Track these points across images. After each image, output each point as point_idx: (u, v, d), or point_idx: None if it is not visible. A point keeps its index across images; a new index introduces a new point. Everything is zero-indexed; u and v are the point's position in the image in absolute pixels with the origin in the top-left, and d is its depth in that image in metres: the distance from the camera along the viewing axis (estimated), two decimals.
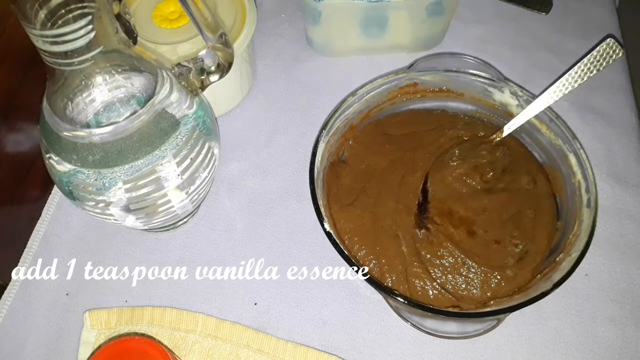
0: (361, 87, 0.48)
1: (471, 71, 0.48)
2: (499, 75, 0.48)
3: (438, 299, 0.42)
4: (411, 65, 0.49)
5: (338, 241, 0.41)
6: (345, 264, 0.40)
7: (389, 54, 0.59)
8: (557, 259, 0.41)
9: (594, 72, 0.45)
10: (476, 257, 0.43)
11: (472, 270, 0.43)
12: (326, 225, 0.41)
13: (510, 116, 0.48)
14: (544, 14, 0.62)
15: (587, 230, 0.40)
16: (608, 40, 0.44)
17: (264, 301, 0.47)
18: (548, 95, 0.45)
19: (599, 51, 0.44)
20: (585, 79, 0.45)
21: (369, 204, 0.46)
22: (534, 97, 0.46)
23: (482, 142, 0.48)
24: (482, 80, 0.48)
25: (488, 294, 0.42)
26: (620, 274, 0.47)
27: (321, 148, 0.45)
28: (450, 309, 0.41)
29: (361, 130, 0.50)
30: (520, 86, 0.47)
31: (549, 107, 0.45)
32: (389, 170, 0.47)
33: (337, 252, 0.40)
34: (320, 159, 0.45)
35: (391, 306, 0.45)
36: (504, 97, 0.48)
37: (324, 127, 0.46)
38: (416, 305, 0.39)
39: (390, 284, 0.43)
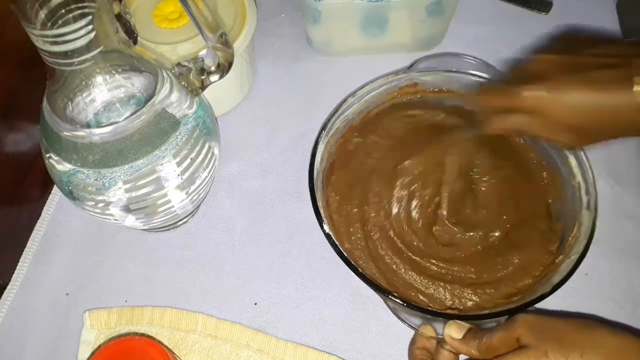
0: (361, 87, 0.48)
1: (471, 71, 0.48)
2: (499, 75, 0.48)
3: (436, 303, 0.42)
4: (411, 65, 0.49)
5: (337, 242, 0.41)
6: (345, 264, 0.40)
7: (389, 54, 0.59)
8: (557, 260, 0.41)
9: None
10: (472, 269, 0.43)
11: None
12: (325, 227, 0.41)
13: None
14: (544, 14, 0.62)
15: (586, 233, 0.40)
16: None
17: (264, 301, 0.47)
18: None
19: None
20: None
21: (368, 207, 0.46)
22: None
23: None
24: (482, 80, 0.48)
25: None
26: (620, 274, 0.47)
27: (320, 149, 0.45)
28: (448, 312, 0.41)
29: (360, 130, 0.50)
30: None
31: None
32: (388, 171, 0.47)
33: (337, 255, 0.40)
34: (319, 160, 0.45)
35: (389, 307, 0.45)
36: None
37: (323, 128, 0.46)
38: (414, 307, 0.39)
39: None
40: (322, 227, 0.41)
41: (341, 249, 0.40)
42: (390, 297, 0.39)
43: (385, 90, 0.48)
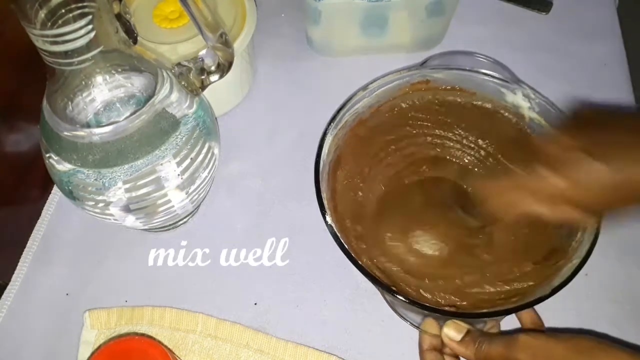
0: (372, 81, 0.47)
1: (484, 71, 0.47)
2: (512, 76, 0.47)
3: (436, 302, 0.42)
4: (424, 62, 0.49)
5: (339, 235, 0.41)
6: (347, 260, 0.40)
7: (389, 54, 0.59)
8: (559, 264, 0.41)
9: None
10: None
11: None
12: (328, 219, 0.41)
13: (522, 118, 0.47)
14: (544, 14, 0.62)
15: (589, 237, 0.40)
16: None
17: (264, 301, 0.47)
18: None
19: None
20: None
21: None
22: (547, 100, 0.45)
23: None
24: (495, 80, 0.47)
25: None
26: (620, 274, 0.47)
27: (328, 141, 0.44)
28: (446, 309, 0.41)
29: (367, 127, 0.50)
30: (533, 89, 0.46)
31: (561, 111, 0.45)
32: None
33: (338, 247, 0.40)
34: (327, 151, 0.44)
35: (388, 302, 0.45)
36: (516, 98, 0.47)
37: (332, 120, 0.45)
38: (415, 304, 0.39)
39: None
40: (324, 218, 0.41)
41: (342, 242, 0.40)
42: (391, 292, 0.39)
43: (396, 85, 0.48)
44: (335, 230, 0.41)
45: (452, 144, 0.49)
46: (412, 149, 0.49)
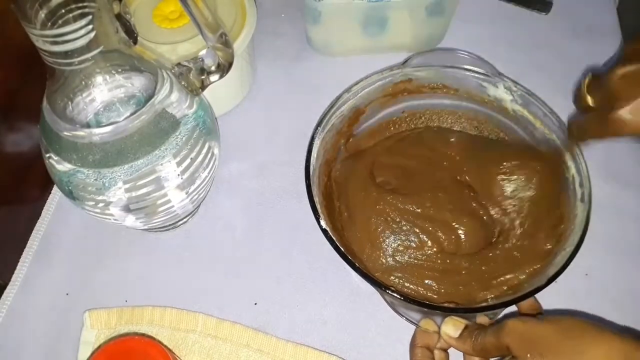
0: (355, 83, 0.47)
1: (466, 66, 0.48)
2: (493, 70, 0.48)
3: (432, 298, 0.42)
4: (405, 61, 0.49)
5: (334, 238, 0.41)
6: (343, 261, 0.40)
7: (389, 53, 0.59)
8: (552, 252, 0.41)
9: None
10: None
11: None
12: (322, 223, 0.41)
13: (505, 112, 0.48)
14: (544, 14, 0.62)
15: (580, 225, 0.40)
16: None
17: (264, 301, 0.47)
18: None
19: None
20: None
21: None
22: (528, 92, 0.46)
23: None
24: (476, 75, 0.48)
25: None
26: (620, 274, 0.47)
27: (316, 145, 0.45)
28: (444, 305, 0.41)
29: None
30: (514, 81, 0.47)
31: (543, 102, 0.45)
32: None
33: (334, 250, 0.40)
34: (315, 155, 0.45)
35: (387, 302, 0.45)
36: (498, 92, 0.47)
37: (319, 124, 0.46)
38: (411, 302, 0.39)
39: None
40: (318, 222, 0.41)
41: (338, 244, 0.40)
42: (387, 291, 0.39)
43: (380, 86, 0.48)
44: (331, 233, 0.41)
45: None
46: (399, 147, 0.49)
